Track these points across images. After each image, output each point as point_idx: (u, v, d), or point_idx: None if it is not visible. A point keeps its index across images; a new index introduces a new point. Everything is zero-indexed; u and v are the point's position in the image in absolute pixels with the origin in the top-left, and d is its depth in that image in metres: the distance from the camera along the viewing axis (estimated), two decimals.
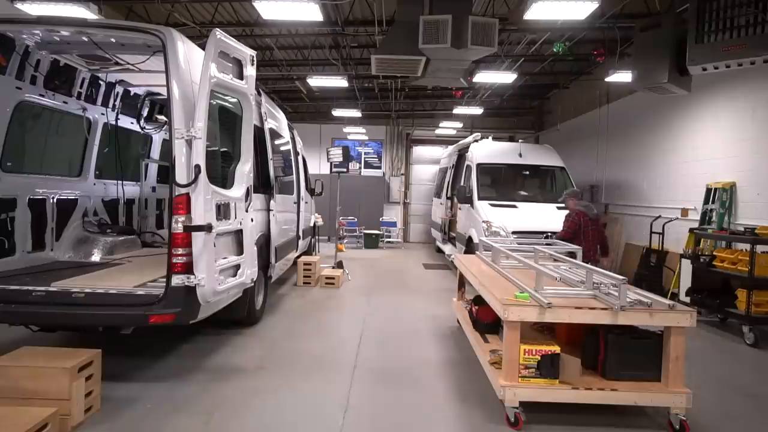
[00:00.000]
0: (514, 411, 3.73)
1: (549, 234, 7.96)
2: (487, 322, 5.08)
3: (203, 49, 4.20)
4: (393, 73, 7.69)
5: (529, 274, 4.55)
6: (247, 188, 4.81)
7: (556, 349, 3.77)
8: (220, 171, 4.63)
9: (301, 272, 9.09)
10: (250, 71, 4.73)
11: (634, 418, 3.97)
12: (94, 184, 6.42)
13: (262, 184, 6.30)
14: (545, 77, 13.93)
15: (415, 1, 6.54)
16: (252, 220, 5.01)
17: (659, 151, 9.78)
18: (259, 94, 6.14)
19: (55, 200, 5.62)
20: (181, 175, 4.00)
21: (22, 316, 4.26)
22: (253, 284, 5.13)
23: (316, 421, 3.84)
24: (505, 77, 11.29)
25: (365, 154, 18.63)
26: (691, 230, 7.83)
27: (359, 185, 16.70)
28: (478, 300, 5.25)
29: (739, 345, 6.22)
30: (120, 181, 6.87)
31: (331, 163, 10.31)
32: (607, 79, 10.22)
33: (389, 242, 15.92)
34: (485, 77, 11.39)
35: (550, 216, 8.79)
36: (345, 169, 10.95)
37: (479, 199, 9.35)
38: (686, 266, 7.40)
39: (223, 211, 4.38)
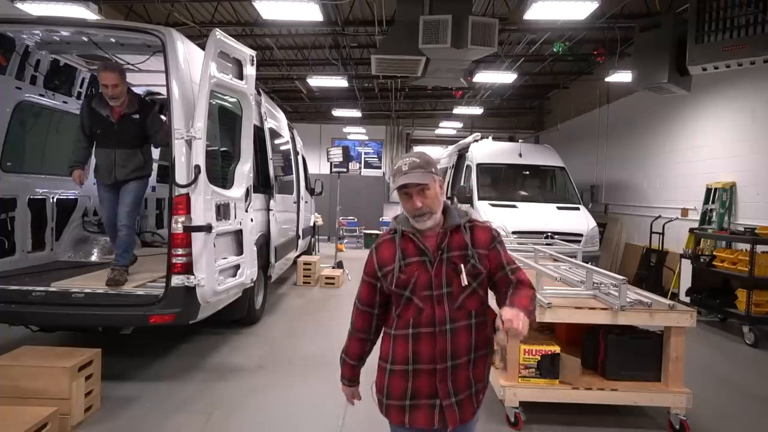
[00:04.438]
0: (514, 411, 3.73)
1: (549, 234, 7.97)
2: None
3: (203, 49, 4.20)
4: (393, 73, 7.69)
5: (529, 274, 4.53)
6: (247, 188, 4.81)
7: (556, 349, 3.77)
8: (220, 171, 4.63)
9: (301, 272, 9.09)
10: (250, 71, 4.73)
11: (635, 418, 3.97)
12: (94, 183, 6.42)
13: (262, 183, 6.29)
14: (545, 77, 13.94)
15: (415, 1, 6.54)
16: (252, 220, 5.01)
17: (659, 151, 9.78)
18: (259, 93, 6.14)
19: (55, 200, 5.61)
20: (180, 176, 4.00)
21: (22, 316, 4.26)
22: (252, 284, 5.13)
23: (316, 420, 3.84)
24: (505, 77, 11.30)
25: (365, 154, 18.64)
26: (691, 230, 7.82)
27: (359, 185, 16.70)
28: None
29: (739, 345, 6.21)
30: None
31: (331, 163, 10.30)
32: (607, 79, 10.22)
33: None
34: (485, 77, 11.40)
35: (550, 216, 8.79)
36: (345, 169, 10.93)
37: (479, 199, 9.36)
38: (686, 266, 7.39)
39: (222, 211, 4.38)
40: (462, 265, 1.96)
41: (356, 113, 15.93)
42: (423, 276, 1.97)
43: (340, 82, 12.26)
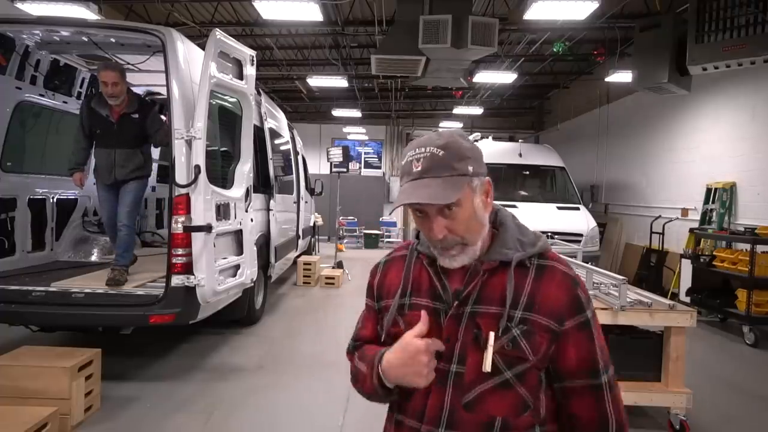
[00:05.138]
0: None
1: (549, 234, 7.96)
2: None
3: (203, 49, 4.20)
4: (393, 73, 7.69)
5: None
6: (247, 188, 4.82)
7: None
8: (220, 171, 4.63)
9: (301, 272, 9.09)
10: (250, 71, 4.73)
11: (635, 418, 3.96)
12: (94, 183, 6.42)
13: (262, 183, 6.29)
14: (545, 77, 13.93)
15: (415, 1, 6.54)
16: (252, 220, 5.01)
17: (659, 151, 9.77)
18: (258, 93, 6.14)
19: (55, 200, 5.61)
20: (180, 176, 4.01)
21: (22, 316, 4.26)
22: (252, 284, 5.13)
23: (315, 420, 3.84)
24: (505, 77, 11.29)
25: (365, 154, 18.64)
26: (691, 230, 7.82)
27: (359, 185, 16.70)
28: None
29: (739, 345, 6.21)
30: None
31: (331, 163, 10.31)
32: (607, 79, 10.22)
33: (389, 242, 15.92)
34: (485, 77, 11.39)
35: (550, 216, 8.79)
36: (345, 169, 10.94)
37: None
38: (686, 266, 7.39)
39: (222, 211, 4.38)
40: (491, 335, 1.08)
41: (356, 113, 15.93)
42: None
43: (340, 82, 12.25)
